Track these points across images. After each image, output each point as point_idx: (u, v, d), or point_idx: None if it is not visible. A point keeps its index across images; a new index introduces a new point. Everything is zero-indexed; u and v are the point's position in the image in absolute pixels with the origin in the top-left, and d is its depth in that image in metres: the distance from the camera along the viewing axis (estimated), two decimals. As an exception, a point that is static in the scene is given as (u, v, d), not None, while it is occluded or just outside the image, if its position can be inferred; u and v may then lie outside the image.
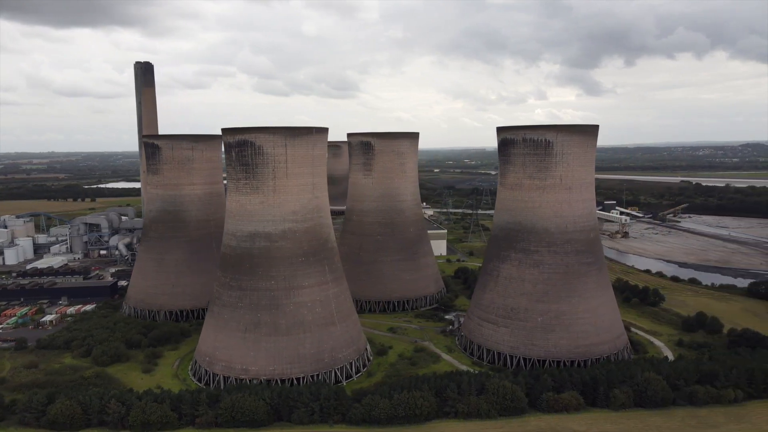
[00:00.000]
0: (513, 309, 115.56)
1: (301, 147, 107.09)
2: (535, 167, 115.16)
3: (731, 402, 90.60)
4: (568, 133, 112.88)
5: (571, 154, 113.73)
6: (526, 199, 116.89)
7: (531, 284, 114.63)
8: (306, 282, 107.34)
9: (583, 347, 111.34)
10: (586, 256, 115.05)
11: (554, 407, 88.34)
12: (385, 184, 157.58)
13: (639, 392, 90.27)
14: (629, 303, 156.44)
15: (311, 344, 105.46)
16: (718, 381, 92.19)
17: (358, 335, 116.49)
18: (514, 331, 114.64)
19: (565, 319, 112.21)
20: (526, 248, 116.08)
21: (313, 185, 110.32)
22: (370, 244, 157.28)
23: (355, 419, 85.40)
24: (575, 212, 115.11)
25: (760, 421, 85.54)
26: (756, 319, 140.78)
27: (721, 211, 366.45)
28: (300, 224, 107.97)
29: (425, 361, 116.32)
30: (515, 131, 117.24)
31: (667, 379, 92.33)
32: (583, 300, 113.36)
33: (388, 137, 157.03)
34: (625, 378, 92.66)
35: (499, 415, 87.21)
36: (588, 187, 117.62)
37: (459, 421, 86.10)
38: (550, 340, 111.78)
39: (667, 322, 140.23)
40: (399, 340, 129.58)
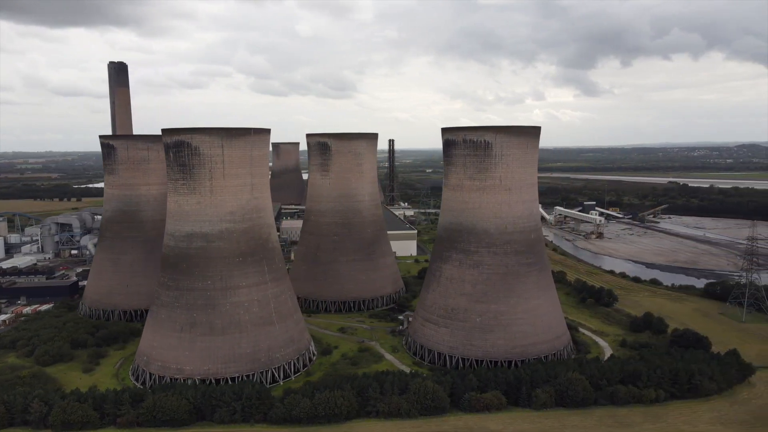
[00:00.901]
0: (453, 309, 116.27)
1: (239, 148, 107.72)
2: (475, 168, 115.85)
3: (652, 402, 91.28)
4: (507, 134, 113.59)
5: (511, 155, 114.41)
6: (466, 200, 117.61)
7: (471, 285, 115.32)
8: (243, 282, 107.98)
9: (520, 347, 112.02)
10: (525, 257, 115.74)
11: (475, 407, 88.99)
12: (342, 184, 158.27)
13: (561, 392, 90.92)
14: (585, 303, 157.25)
15: (247, 344, 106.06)
16: (641, 381, 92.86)
17: (300, 335, 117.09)
18: (453, 332, 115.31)
19: (503, 320, 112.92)
20: (466, 249, 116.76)
21: (252, 186, 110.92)
22: (327, 245, 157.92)
23: (276, 419, 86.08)
24: (515, 213, 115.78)
25: (677, 421, 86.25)
26: (704, 319, 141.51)
27: (702, 212, 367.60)
28: (238, 224, 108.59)
29: (367, 361, 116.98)
30: (456, 132, 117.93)
31: (591, 379, 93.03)
32: (522, 300, 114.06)
33: (345, 138, 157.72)
34: (549, 378, 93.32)
35: (420, 414, 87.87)
36: (529, 188, 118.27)
37: (379, 421, 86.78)
38: (488, 341, 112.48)
39: (617, 322, 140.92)
40: (346, 340, 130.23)
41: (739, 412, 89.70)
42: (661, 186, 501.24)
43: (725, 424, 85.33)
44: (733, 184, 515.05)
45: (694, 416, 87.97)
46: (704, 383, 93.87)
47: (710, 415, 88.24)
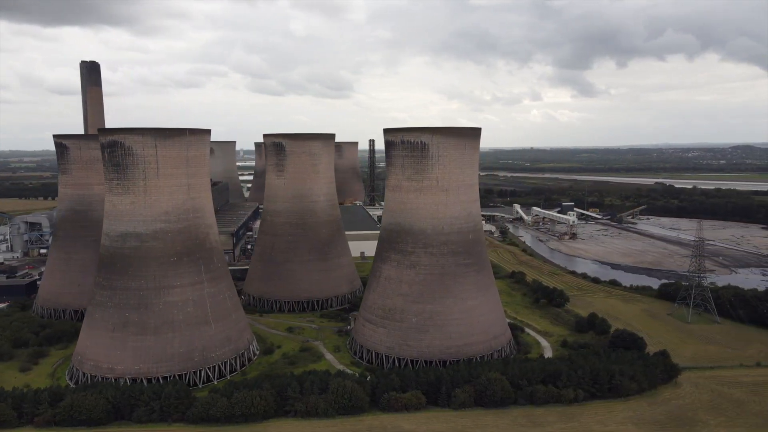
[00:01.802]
0: (390, 309, 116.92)
1: (174, 148, 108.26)
2: (412, 169, 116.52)
3: (571, 401, 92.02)
4: (444, 135, 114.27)
5: (447, 156, 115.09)
6: (404, 201, 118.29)
7: (407, 285, 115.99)
8: (177, 282, 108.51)
9: (455, 348, 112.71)
10: (463, 257, 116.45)
11: (394, 406, 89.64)
12: (297, 185, 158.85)
13: (480, 392, 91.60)
14: (538, 304, 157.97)
15: (180, 344, 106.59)
16: (560, 381, 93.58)
17: (239, 334, 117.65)
18: (390, 332, 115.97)
19: (439, 320, 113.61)
20: (403, 249, 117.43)
21: (188, 186, 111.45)
22: (282, 245, 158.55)
23: (194, 418, 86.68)
24: (452, 214, 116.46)
25: (590, 421, 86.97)
26: (651, 320, 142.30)
27: (682, 213, 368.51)
28: (173, 225, 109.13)
29: (305, 361, 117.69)
30: (395, 133, 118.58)
31: (512, 379, 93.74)
32: (459, 301, 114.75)
33: (300, 138, 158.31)
34: (470, 378, 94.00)
35: (338, 414, 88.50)
36: (467, 189, 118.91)
37: (296, 420, 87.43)
38: (423, 341, 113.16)
39: (564, 323, 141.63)
40: (291, 340, 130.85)
41: (655, 412, 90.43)
42: (645, 187, 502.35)
43: (637, 424, 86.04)
44: (722, 185, 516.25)
45: (609, 416, 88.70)
46: (624, 383, 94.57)
47: (625, 415, 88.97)
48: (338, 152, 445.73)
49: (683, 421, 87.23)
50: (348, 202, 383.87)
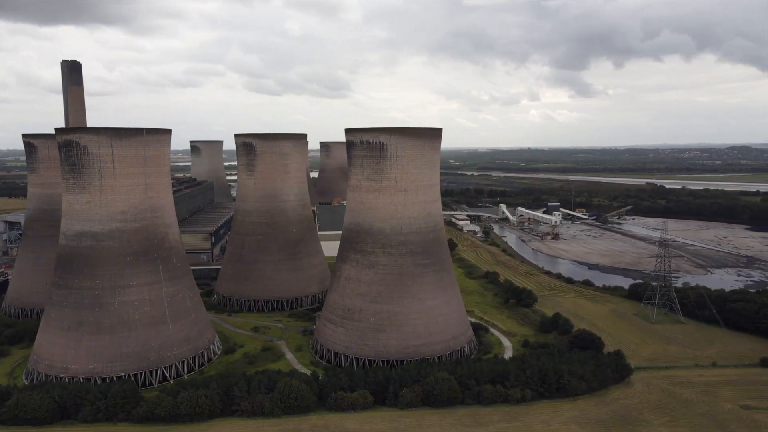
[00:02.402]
0: (349, 309, 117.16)
1: (130, 148, 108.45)
2: (371, 169, 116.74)
3: (518, 401, 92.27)
4: (402, 135, 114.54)
5: (406, 156, 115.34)
6: (364, 201, 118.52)
7: (366, 285, 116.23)
8: (134, 281, 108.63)
9: (413, 348, 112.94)
10: (422, 258, 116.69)
11: (340, 406, 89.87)
12: (268, 184, 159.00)
13: (427, 392, 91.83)
14: (507, 304, 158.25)
15: (136, 343, 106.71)
16: (508, 381, 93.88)
17: (199, 334, 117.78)
18: (349, 331, 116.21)
19: (396, 320, 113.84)
20: (363, 249, 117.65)
21: (146, 186, 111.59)
22: (252, 244, 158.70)
23: (139, 417, 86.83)
24: (411, 214, 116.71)
25: (534, 420, 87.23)
26: (616, 320, 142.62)
27: (668, 213, 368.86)
28: (129, 224, 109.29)
29: (265, 360, 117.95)
30: (355, 133, 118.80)
31: (460, 379, 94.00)
32: (417, 301, 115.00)
33: (270, 138, 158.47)
34: (419, 378, 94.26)
35: (283, 413, 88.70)
36: (427, 189, 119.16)
37: (241, 420, 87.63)
38: (380, 341, 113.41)
39: (530, 323, 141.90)
40: (255, 339, 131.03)
41: (601, 411, 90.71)
42: (635, 187, 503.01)
43: (580, 423, 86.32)
44: (713, 185, 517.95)
45: (554, 415, 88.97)
46: (573, 383, 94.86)
47: (570, 414, 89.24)
48: (326, 152, 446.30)
49: (627, 421, 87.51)
50: (336, 201, 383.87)
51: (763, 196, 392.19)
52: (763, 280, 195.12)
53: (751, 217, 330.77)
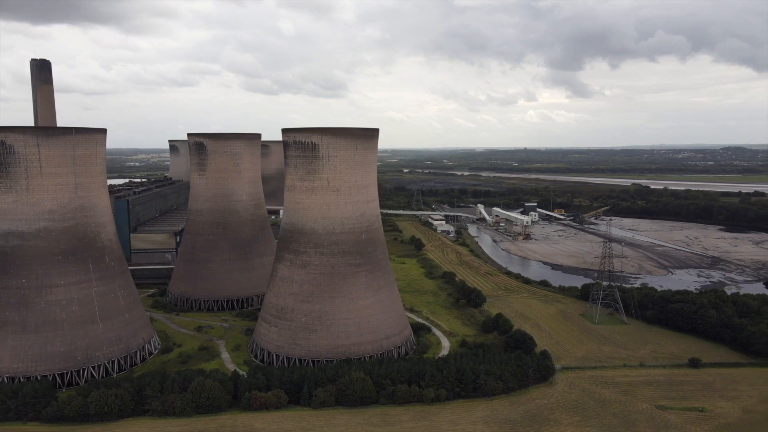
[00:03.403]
0: (282, 309, 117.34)
1: (58, 147, 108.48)
2: (304, 169, 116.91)
3: (432, 401, 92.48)
4: (334, 136, 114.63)
5: (338, 157, 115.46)
6: (298, 201, 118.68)
7: (298, 284, 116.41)
8: (62, 281, 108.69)
9: (343, 347, 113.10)
10: (354, 258, 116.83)
11: (253, 405, 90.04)
12: (219, 184, 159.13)
13: (341, 391, 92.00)
14: (458, 304, 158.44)
15: (62, 343, 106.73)
16: (423, 381, 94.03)
17: (132, 333, 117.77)
18: (281, 331, 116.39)
19: (327, 320, 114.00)
20: (296, 249, 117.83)
21: (76, 185, 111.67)
22: (203, 244, 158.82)
23: (49, 417, 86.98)
24: (343, 214, 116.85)
25: (443, 420, 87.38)
26: (561, 320, 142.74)
27: (646, 214, 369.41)
28: (58, 223, 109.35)
29: (199, 360, 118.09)
30: (289, 134, 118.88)
31: (376, 379, 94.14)
32: (348, 301, 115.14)
33: (221, 138, 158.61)
34: (335, 377, 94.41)
35: (195, 413, 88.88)
36: (360, 189, 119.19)
37: (151, 419, 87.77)
38: (311, 340, 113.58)
39: (475, 323, 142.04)
40: (195, 339, 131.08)
41: (514, 411, 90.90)
42: (618, 188, 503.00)
43: (488, 423, 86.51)
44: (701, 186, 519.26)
45: (464, 415, 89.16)
46: (489, 383, 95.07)
47: (481, 414, 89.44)
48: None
49: (536, 420, 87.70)
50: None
51: (741, 198, 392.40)
52: (722, 280, 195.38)
53: (726, 218, 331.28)
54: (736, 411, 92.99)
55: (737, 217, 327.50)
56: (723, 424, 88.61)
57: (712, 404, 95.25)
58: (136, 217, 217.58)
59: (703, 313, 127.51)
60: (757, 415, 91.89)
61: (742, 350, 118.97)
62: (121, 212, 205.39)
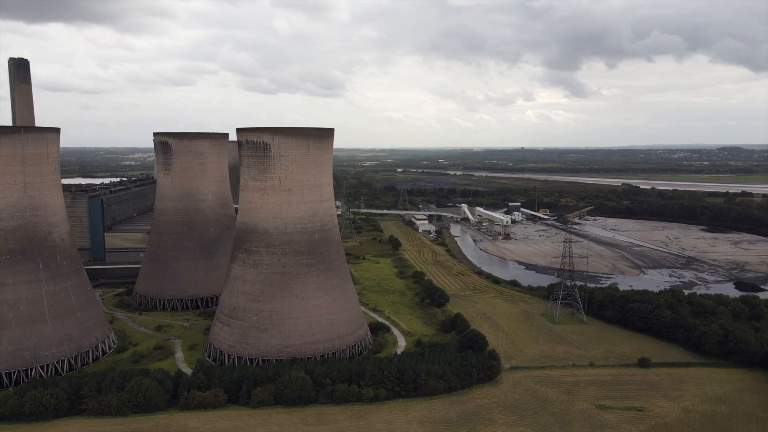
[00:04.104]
0: (234, 308, 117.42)
1: (6, 146, 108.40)
2: (257, 169, 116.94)
3: (371, 400, 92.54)
4: (285, 135, 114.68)
5: (289, 156, 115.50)
6: (251, 200, 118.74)
7: (250, 284, 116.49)
8: (9, 280, 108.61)
9: (293, 346, 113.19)
10: (306, 257, 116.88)
11: (191, 404, 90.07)
12: (184, 183, 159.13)
13: (280, 390, 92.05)
14: (423, 303, 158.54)
15: (9, 342, 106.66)
16: (363, 380, 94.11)
17: (85, 333, 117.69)
18: (233, 330, 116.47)
19: (278, 319, 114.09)
20: (249, 248, 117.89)
21: (25, 184, 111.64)
22: (168, 243, 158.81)
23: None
24: (295, 214, 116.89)
25: (378, 420, 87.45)
26: (521, 320, 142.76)
27: (630, 213, 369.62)
28: (5, 222, 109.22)
29: (151, 359, 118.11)
30: (242, 133, 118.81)
31: (317, 378, 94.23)
32: (299, 300, 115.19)
33: (186, 138, 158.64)
34: (275, 377, 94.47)
35: (132, 412, 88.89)
36: (313, 189, 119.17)
37: (86, 419, 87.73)
38: (261, 340, 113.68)
39: (436, 323, 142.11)
40: (152, 338, 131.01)
41: (451, 411, 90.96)
42: (606, 187, 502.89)
43: (422, 423, 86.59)
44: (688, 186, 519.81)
45: (401, 414, 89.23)
46: (430, 383, 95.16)
47: (418, 414, 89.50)
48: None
49: (471, 420, 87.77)
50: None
51: (726, 198, 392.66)
52: (693, 280, 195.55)
53: (709, 218, 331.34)
54: (676, 411, 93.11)
55: (720, 217, 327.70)
56: (659, 424, 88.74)
57: (653, 404, 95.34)
58: (112, 217, 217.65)
59: (658, 313, 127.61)
60: (696, 414, 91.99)
61: (695, 350, 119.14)
62: (95, 211, 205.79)
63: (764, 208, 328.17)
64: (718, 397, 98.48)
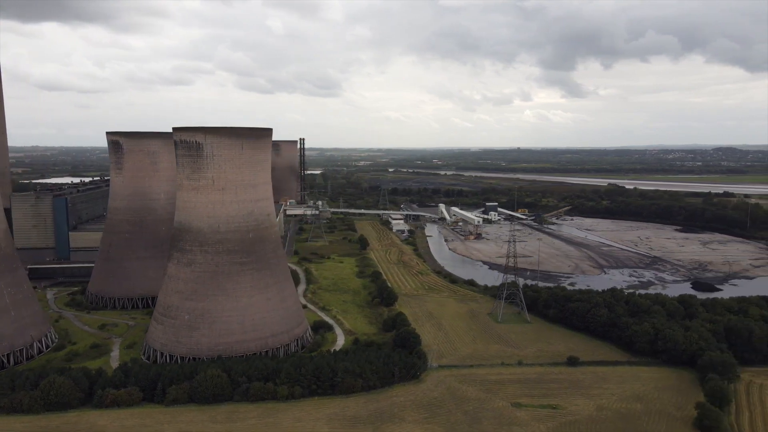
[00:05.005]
0: (168, 307, 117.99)
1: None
2: (190, 168, 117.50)
3: (286, 398, 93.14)
4: (217, 135, 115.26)
5: (222, 156, 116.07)
6: (185, 199, 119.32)
7: (183, 282, 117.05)
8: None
9: (224, 345, 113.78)
10: (239, 256, 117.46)
11: (104, 403, 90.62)
12: (135, 183, 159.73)
13: (194, 388, 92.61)
14: (372, 303, 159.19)
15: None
16: (279, 378, 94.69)
17: (18, 331, 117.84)
18: (166, 329, 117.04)
19: (210, 317, 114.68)
20: (183, 247, 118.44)
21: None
22: (119, 242, 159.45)
23: None
24: (229, 213, 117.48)
25: (288, 418, 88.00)
26: (466, 319, 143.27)
27: (609, 213, 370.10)
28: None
29: (86, 358, 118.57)
30: (177, 133, 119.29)
31: (233, 376, 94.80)
32: (231, 299, 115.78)
33: (137, 137, 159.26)
34: (192, 375, 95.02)
35: (45, 410, 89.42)
36: (248, 188, 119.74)
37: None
38: (192, 338, 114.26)
39: (379, 322, 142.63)
40: (92, 337, 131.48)
41: (364, 409, 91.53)
42: (590, 187, 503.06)
43: (331, 420, 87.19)
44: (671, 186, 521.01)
45: (313, 412, 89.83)
46: (347, 381, 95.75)
47: (330, 412, 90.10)
48: (276, 151, 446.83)
49: (380, 418, 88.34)
50: (282, 200, 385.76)
51: (704, 198, 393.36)
52: (651, 280, 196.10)
53: (685, 218, 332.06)
54: (590, 409, 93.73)
55: (695, 217, 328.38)
56: (569, 422, 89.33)
57: (569, 402, 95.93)
58: (78, 216, 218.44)
59: (595, 312, 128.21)
60: (608, 412, 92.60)
61: (627, 349, 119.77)
62: (59, 211, 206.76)
63: (739, 209, 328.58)
64: (636, 395, 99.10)
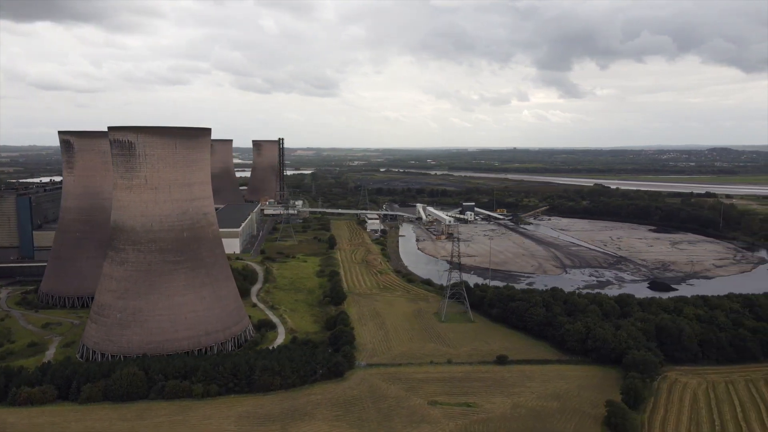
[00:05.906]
0: (101, 305, 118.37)
1: None
2: (123, 167, 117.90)
3: (202, 396, 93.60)
4: (149, 134, 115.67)
5: (155, 155, 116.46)
6: (119, 199, 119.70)
7: (116, 281, 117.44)
8: None
9: (155, 343, 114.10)
10: (172, 255, 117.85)
11: (18, 401, 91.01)
12: (87, 182, 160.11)
13: (109, 386, 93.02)
14: (323, 302, 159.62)
15: None
16: (196, 376, 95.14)
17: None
18: (99, 327, 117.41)
19: (141, 316, 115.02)
20: (117, 246, 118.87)
21: None
22: (70, 241, 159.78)
23: None
24: (162, 212, 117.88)
25: (197, 416, 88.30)
26: (411, 319, 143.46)
27: (587, 213, 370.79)
28: None
29: (20, 357, 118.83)
30: (111, 132, 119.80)
31: (151, 374, 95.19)
32: (164, 298, 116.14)
33: (88, 136, 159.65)
34: (109, 373, 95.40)
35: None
36: (183, 187, 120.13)
37: None
38: (124, 336, 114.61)
39: (323, 321, 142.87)
40: (32, 335, 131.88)
41: (278, 407, 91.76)
42: (573, 187, 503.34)
43: (240, 419, 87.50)
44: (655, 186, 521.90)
45: (224, 410, 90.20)
46: (264, 378, 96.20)
47: (242, 410, 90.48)
48: (258, 151, 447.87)
49: (291, 416, 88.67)
50: (263, 200, 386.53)
51: (682, 198, 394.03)
52: (610, 279, 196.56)
53: (661, 218, 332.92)
54: (506, 406, 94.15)
55: (671, 217, 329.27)
56: (481, 419, 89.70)
57: (486, 400, 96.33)
58: (44, 215, 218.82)
59: (533, 311, 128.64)
60: (523, 410, 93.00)
61: (560, 347, 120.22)
62: (23, 210, 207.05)
63: (715, 209, 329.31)
64: (556, 393, 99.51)
